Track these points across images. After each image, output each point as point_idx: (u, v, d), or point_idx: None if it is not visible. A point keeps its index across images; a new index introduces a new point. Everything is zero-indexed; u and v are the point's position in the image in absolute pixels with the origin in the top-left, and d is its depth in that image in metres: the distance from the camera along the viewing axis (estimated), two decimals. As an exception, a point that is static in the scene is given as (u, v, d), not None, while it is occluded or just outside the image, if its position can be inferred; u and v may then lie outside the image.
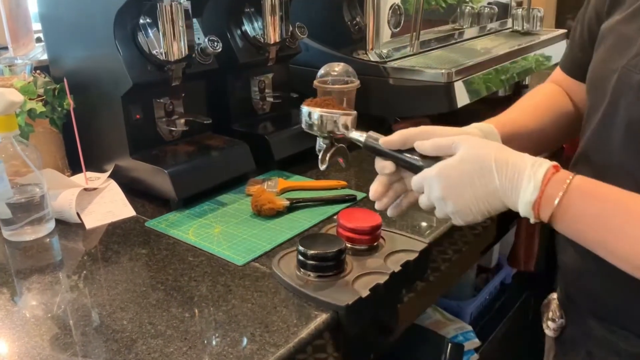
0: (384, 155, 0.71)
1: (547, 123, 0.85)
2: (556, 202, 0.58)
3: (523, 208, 0.60)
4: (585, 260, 0.74)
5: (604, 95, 0.69)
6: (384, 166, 0.72)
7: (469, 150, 0.63)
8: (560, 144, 0.91)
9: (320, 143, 0.78)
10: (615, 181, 0.67)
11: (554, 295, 0.90)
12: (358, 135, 0.74)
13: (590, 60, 0.79)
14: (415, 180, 0.67)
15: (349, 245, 0.82)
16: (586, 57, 0.81)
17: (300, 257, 0.77)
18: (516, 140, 0.81)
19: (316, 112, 0.74)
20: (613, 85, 0.67)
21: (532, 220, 0.61)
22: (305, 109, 0.75)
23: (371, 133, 0.73)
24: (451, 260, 1.03)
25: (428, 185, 0.66)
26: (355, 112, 0.76)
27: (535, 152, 0.83)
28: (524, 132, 0.82)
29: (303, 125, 0.77)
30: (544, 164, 0.60)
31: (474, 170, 0.62)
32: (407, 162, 0.69)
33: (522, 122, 0.82)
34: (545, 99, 0.88)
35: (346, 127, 0.74)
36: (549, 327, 0.74)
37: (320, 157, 0.76)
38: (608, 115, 0.69)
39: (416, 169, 0.68)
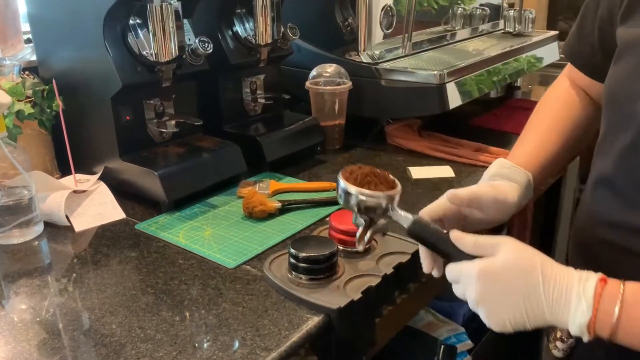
0: (427, 243, 0.65)
1: (570, 137, 0.82)
2: (614, 319, 0.54)
3: (576, 329, 0.56)
4: None
5: (631, 118, 0.66)
6: (429, 267, 0.69)
7: (513, 255, 0.59)
8: (581, 148, 0.89)
9: (359, 218, 0.69)
10: None
11: None
12: (402, 219, 0.66)
13: (603, 60, 0.76)
14: (452, 270, 0.63)
15: (341, 248, 0.81)
16: (599, 57, 0.78)
17: (292, 260, 0.76)
18: (541, 175, 0.79)
19: (355, 193, 0.66)
20: None
21: (585, 339, 0.56)
22: (342, 184, 0.67)
23: (419, 218, 0.66)
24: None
25: (465, 282, 0.61)
26: (399, 189, 0.68)
27: (561, 168, 0.81)
28: (552, 161, 0.80)
29: (339, 201, 0.68)
30: (591, 278, 0.56)
31: (519, 282, 0.57)
32: (452, 254, 0.63)
33: (543, 157, 0.80)
34: (564, 108, 0.85)
35: (388, 209, 0.66)
36: (558, 348, 0.71)
37: (358, 235, 0.68)
38: (637, 141, 0.65)
39: (455, 260, 0.63)
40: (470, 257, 0.61)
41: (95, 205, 0.99)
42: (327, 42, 1.37)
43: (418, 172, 1.16)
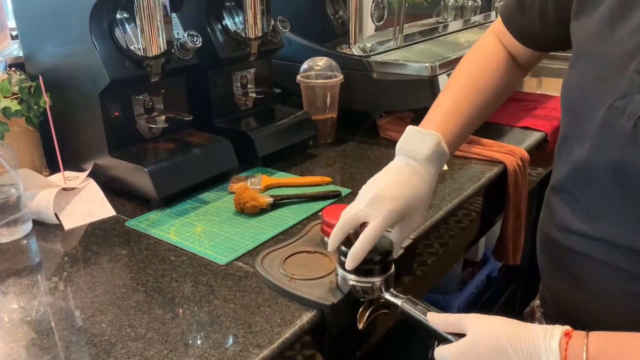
0: (416, 322, 0.67)
1: (486, 102, 0.82)
2: None
3: None
4: (578, 296, 0.73)
5: (588, 130, 0.65)
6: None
7: (479, 331, 0.60)
8: (499, 105, 0.88)
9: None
10: (607, 222, 0.65)
11: (536, 303, 0.89)
12: (394, 299, 0.69)
13: (548, 34, 0.76)
14: (436, 355, 0.64)
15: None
16: (542, 28, 0.78)
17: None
18: (454, 146, 0.80)
19: (350, 280, 0.69)
20: (600, 124, 0.62)
21: None
22: (340, 272, 0.71)
23: (409, 299, 0.68)
24: (438, 254, 1.03)
25: None
26: (391, 271, 0.71)
27: (477, 126, 0.82)
28: (460, 138, 0.80)
29: (339, 284, 0.72)
30: (555, 334, 0.56)
31: (489, 354, 0.58)
32: (439, 336, 0.65)
33: (459, 123, 0.79)
34: (482, 73, 0.83)
35: (381, 291, 0.70)
36: None
37: (358, 315, 0.71)
38: (596, 157, 0.64)
39: (439, 338, 0.65)
40: (450, 335, 0.63)
41: (85, 203, 0.98)
42: (318, 35, 1.36)
43: (411, 165, 1.15)
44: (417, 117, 1.39)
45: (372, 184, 0.72)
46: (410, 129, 0.77)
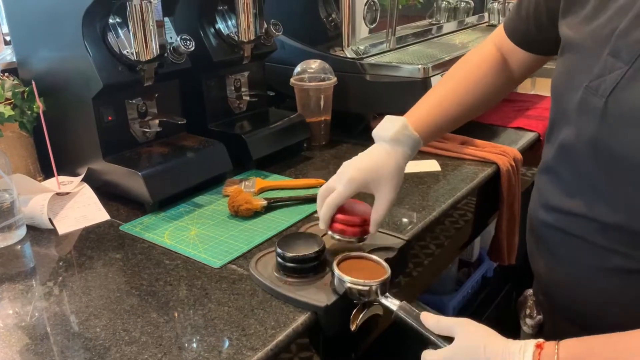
0: (410, 327, 0.69)
1: (470, 100, 0.87)
2: None
3: None
4: (556, 271, 0.75)
5: (567, 112, 0.69)
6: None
7: (462, 341, 0.63)
8: (489, 108, 0.94)
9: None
10: (584, 198, 0.68)
11: (529, 292, 0.91)
12: (390, 304, 0.70)
13: (545, 37, 0.80)
14: (422, 358, 0.67)
15: (338, 237, 0.79)
16: (538, 32, 0.81)
17: (279, 260, 0.76)
18: (431, 136, 0.85)
19: (346, 282, 0.71)
20: (576, 105, 0.67)
21: None
22: (337, 273, 0.72)
23: (404, 304, 0.70)
24: (433, 255, 1.03)
25: None
26: (388, 275, 0.72)
27: (462, 122, 0.88)
28: (437, 128, 0.85)
29: (335, 285, 0.73)
30: (528, 348, 0.59)
31: None
32: (431, 341, 0.66)
33: (437, 118, 0.85)
34: (473, 74, 0.89)
35: (377, 294, 0.71)
36: (527, 324, 0.74)
37: (351, 317, 0.72)
38: (574, 135, 0.68)
39: (431, 341, 0.67)
40: (440, 339, 0.65)
41: (79, 207, 0.98)
42: (311, 38, 1.36)
43: (404, 166, 1.16)
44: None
45: (344, 163, 0.81)
46: (385, 117, 0.83)
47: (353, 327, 0.71)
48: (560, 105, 0.72)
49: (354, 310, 0.72)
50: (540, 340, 0.59)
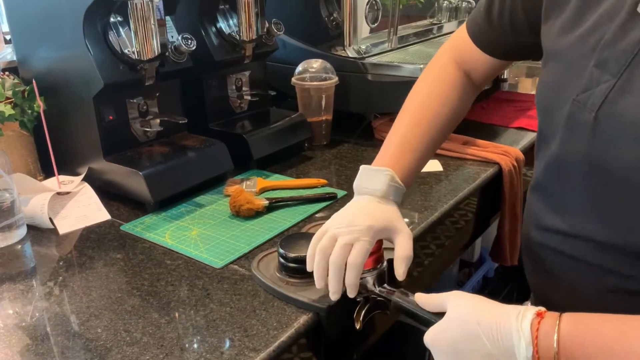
0: (409, 314, 0.67)
1: (434, 132, 0.82)
2: (554, 351, 0.54)
3: None
4: (553, 291, 0.73)
5: (555, 127, 0.66)
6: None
7: (452, 313, 0.60)
8: (452, 129, 0.88)
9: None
10: (577, 217, 0.66)
11: (528, 304, 0.90)
12: (386, 293, 0.69)
13: (521, 42, 0.76)
14: (424, 341, 0.64)
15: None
16: (518, 40, 0.77)
17: (281, 260, 0.76)
18: (412, 178, 0.80)
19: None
20: (564, 120, 0.64)
21: None
22: None
23: (401, 290, 0.68)
24: (434, 255, 1.03)
25: (430, 349, 0.63)
26: (383, 265, 0.71)
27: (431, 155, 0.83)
28: (416, 169, 0.80)
29: None
30: (527, 315, 0.56)
31: (461, 337, 0.59)
32: (424, 317, 0.65)
33: (414, 163, 0.80)
34: (431, 102, 0.83)
35: (374, 286, 0.69)
36: None
37: (354, 316, 0.70)
38: (564, 151, 0.66)
39: (428, 322, 0.66)
40: (436, 317, 0.63)
41: (80, 207, 0.98)
42: (313, 37, 1.36)
43: (406, 166, 1.15)
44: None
45: (339, 214, 0.72)
46: (363, 168, 0.78)
47: (358, 326, 0.70)
48: (548, 119, 0.69)
49: (357, 308, 0.72)
50: (541, 308, 0.57)
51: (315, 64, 1.28)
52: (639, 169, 0.56)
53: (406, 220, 0.95)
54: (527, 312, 0.57)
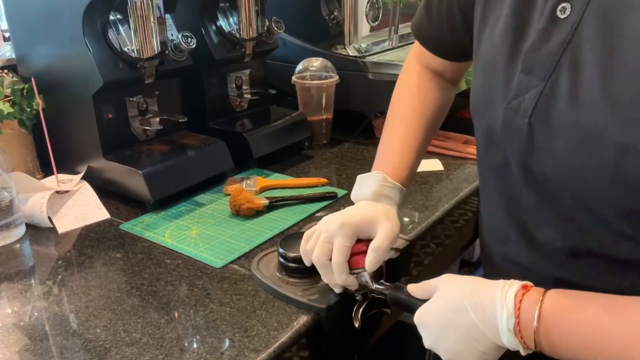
0: (405, 305, 0.66)
1: (427, 129, 0.82)
2: (535, 324, 0.54)
3: (506, 339, 0.55)
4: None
5: (492, 133, 0.65)
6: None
7: (442, 292, 0.60)
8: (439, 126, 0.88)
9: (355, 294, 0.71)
10: (520, 228, 0.65)
11: None
12: (382, 289, 0.68)
13: (459, 42, 0.75)
14: (415, 321, 0.64)
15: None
16: (455, 39, 0.76)
17: (281, 260, 0.75)
18: (409, 177, 0.80)
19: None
20: (500, 127, 0.62)
21: (522, 352, 0.56)
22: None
23: (396, 284, 0.68)
24: (434, 254, 1.03)
25: (419, 328, 0.63)
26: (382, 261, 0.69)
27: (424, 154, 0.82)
28: (417, 158, 0.80)
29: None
30: (513, 286, 0.56)
31: (447, 311, 0.59)
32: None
33: (409, 162, 0.79)
34: (419, 102, 0.83)
35: (371, 283, 0.68)
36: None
37: (353, 314, 0.70)
38: (501, 161, 0.65)
39: None
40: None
41: (79, 206, 0.97)
42: (313, 36, 1.35)
43: (407, 166, 1.15)
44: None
45: (326, 217, 0.72)
46: (358, 177, 0.78)
47: (357, 324, 0.70)
48: (483, 126, 0.67)
49: (355, 307, 0.71)
50: (528, 283, 0.57)
51: (316, 62, 1.27)
52: (572, 171, 0.55)
53: (406, 219, 0.95)
54: (512, 284, 0.56)
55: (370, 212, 0.71)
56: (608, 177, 0.52)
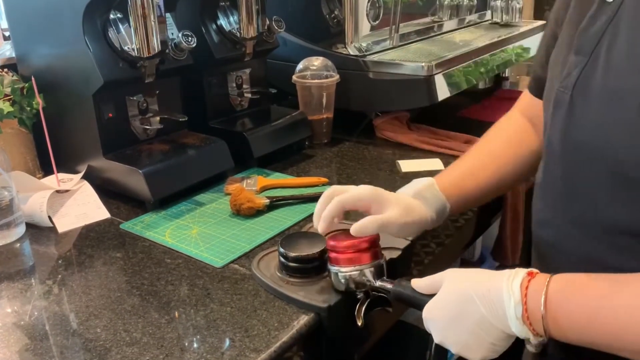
0: (409, 301, 0.66)
1: (505, 175, 0.83)
2: (542, 310, 0.54)
3: (515, 327, 0.56)
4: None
5: (547, 118, 0.69)
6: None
7: (448, 285, 0.61)
8: (524, 181, 0.91)
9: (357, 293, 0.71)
10: (560, 206, 0.66)
11: None
12: (386, 286, 0.68)
13: None
14: (423, 318, 0.64)
15: (347, 270, 0.70)
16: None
17: (282, 259, 0.75)
18: (463, 203, 0.81)
19: (340, 273, 0.69)
20: (552, 108, 0.67)
21: (532, 340, 0.57)
22: (333, 269, 0.70)
23: (399, 280, 0.67)
24: (434, 254, 1.02)
25: (429, 328, 0.63)
26: (382, 259, 0.70)
27: (486, 201, 0.84)
28: (470, 196, 0.81)
29: (332, 280, 0.71)
30: (518, 275, 0.57)
31: (455, 304, 0.59)
32: (423, 303, 0.64)
33: (470, 185, 0.81)
34: (505, 146, 0.85)
35: (374, 280, 0.68)
36: (530, 343, 0.71)
37: (355, 312, 0.69)
38: (548, 137, 0.68)
39: None
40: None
41: (79, 205, 0.97)
42: (314, 35, 1.35)
43: (407, 165, 1.15)
44: (413, 117, 1.39)
45: None
46: (431, 181, 0.80)
47: (360, 322, 0.69)
48: (544, 118, 0.71)
49: (357, 304, 0.70)
50: (533, 270, 0.57)
51: (316, 61, 1.27)
52: (605, 141, 0.58)
53: (407, 219, 0.94)
54: (518, 272, 0.58)
55: (390, 195, 0.73)
56: (636, 138, 0.55)
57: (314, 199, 1.00)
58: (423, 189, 0.77)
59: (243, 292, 0.75)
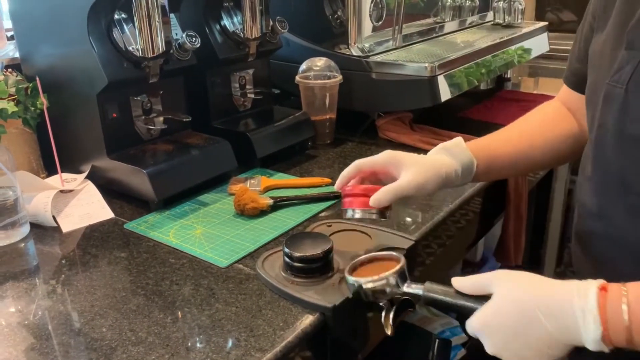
0: (442, 305, 0.65)
1: (535, 149, 0.85)
2: (625, 326, 0.52)
3: (594, 346, 0.54)
4: (600, 268, 0.73)
5: (596, 111, 0.71)
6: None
7: (502, 292, 0.58)
8: (557, 165, 0.93)
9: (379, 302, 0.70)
10: (615, 198, 0.68)
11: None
12: (414, 290, 0.66)
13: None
14: (467, 328, 0.62)
15: (358, 212, 0.75)
16: (586, 69, 0.81)
17: (287, 259, 0.75)
18: (492, 166, 0.83)
19: (364, 284, 0.67)
20: (601, 102, 0.69)
21: (607, 351, 0.54)
22: (351, 279, 0.68)
23: (428, 283, 0.66)
24: (436, 255, 1.02)
25: (479, 337, 0.61)
26: (402, 264, 0.68)
27: (518, 174, 0.85)
28: (499, 160, 0.83)
29: (350, 293, 0.70)
30: (590, 291, 0.54)
31: (516, 320, 0.57)
32: (462, 305, 0.63)
33: (499, 150, 0.84)
34: (539, 123, 0.88)
35: (398, 286, 0.67)
36: None
37: (383, 320, 0.67)
38: (600, 130, 0.70)
39: (467, 310, 0.63)
40: (477, 302, 0.61)
41: (83, 205, 0.97)
42: (317, 36, 1.35)
43: (410, 166, 1.15)
44: (415, 117, 1.39)
45: None
46: (459, 139, 0.83)
47: (389, 331, 0.67)
48: (590, 110, 0.73)
49: (383, 313, 0.68)
50: (602, 281, 0.55)
51: (319, 62, 1.27)
52: None
53: (409, 219, 0.95)
54: (588, 287, 0.54)
55: (406, 156, 0.76)
56: None
57: (318, 199, 1.00)
58: (449, 145, 0.80)
59: (248, 292, 0.75)
